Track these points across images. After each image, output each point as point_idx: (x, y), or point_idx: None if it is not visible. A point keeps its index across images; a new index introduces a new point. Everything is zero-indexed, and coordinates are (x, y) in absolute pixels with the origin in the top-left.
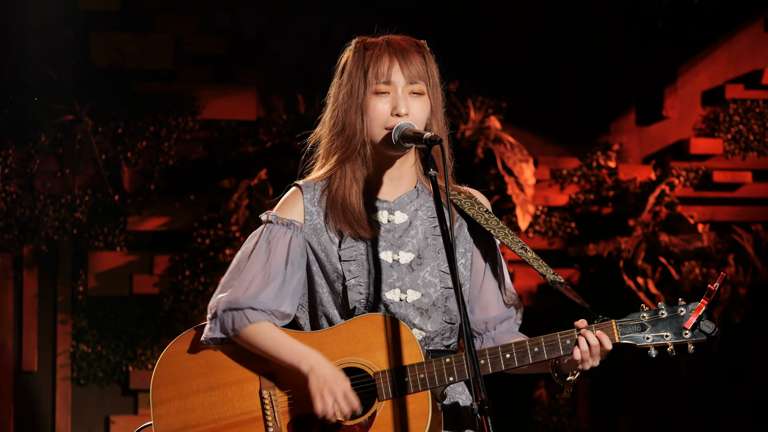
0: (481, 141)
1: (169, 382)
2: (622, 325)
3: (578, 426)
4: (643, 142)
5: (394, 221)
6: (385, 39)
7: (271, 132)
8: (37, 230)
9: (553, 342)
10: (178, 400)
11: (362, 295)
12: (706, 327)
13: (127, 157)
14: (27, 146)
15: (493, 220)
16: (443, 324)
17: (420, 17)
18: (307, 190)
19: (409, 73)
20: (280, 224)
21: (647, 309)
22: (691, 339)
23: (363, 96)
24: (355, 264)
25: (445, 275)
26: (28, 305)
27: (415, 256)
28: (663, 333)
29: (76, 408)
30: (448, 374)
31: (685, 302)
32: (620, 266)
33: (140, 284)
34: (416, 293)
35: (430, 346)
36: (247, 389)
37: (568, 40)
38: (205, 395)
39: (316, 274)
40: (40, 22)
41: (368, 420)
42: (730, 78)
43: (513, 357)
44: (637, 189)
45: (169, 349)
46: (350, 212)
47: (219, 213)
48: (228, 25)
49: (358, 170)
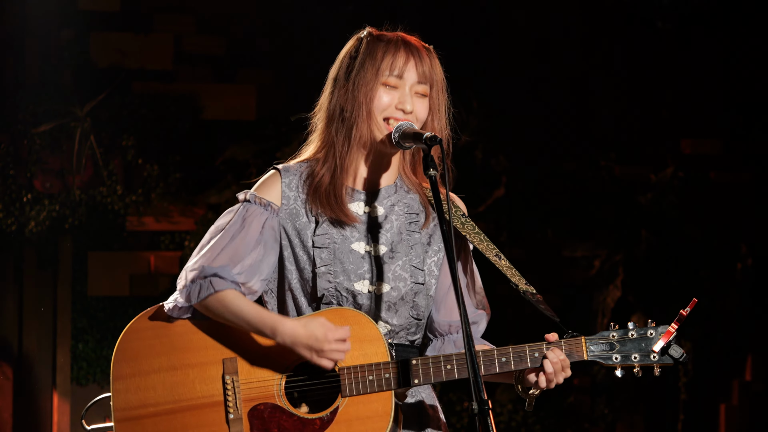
0: (481, 142)
1: (131, 358)
2: (592, 342)
3: (578, 426)
4: (644, 142)
5: (370, 213)
6: (398, 35)
7: (271, 132)
8: (37, 230)
9: (521, 353)
10: (138, 377)
11: (331, 284)
12: (674, 351)
13: (127, 157)
14: (27, 146)
15: (469, 225)
16: (410, 319)
17: (420, 17)
18: (286, 174)
19: (422, 71)
20: (258, 204)
21: (617, 328)
22: (658, 362)
23: (372, 85)
24: (327, 252)
25: (416, 270)
26: (28, 305)
27: (388, 249)
28: (631, 354)
29: (76, 408)
30: (414, 376)
31: (654, 324)
32: (620, 267)
33: (140, 284)
34: (386, 286)
35: (394, 339)
36: (209, 373)
37: (569, 40)
38: (167, 374)
39: (287, 259)
40: (40, 22)
41: (330, 415)
42: (730, 78)
43: (479, 365)
44: (637, 188)
45: (133, 323)
46: (335, 196)
47: (219, 213)
48: (228, 25)
49: (350, 155)
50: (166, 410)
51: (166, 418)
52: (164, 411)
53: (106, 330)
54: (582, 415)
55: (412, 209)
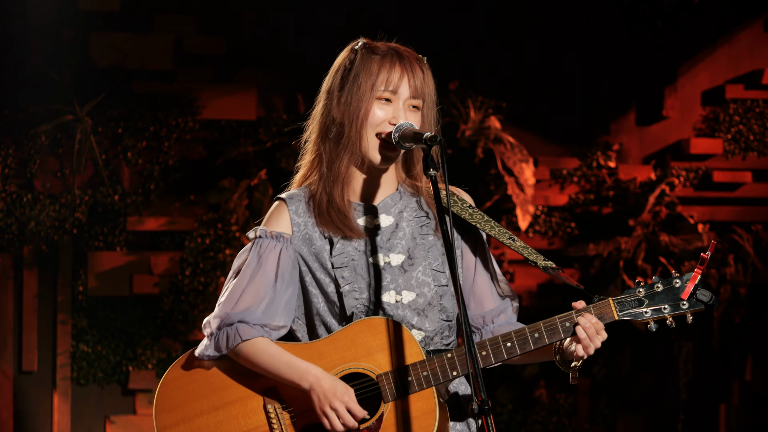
0: (481, 141)
1: (172, 407)
2: (620, 303)
3: (578, 426)
4: (643, 142)
5: (380, 224)
6: (391, 47)
7: (271, 132)
8: (37, 230)
9: (553, 326)
10: (182, 424)
11: (358, 300)
12: (703, 296)
13: (127, 157)
14: (27, 146)
15: (477, 215)
16: (441, 322)
17: (421, 17)
18: (291, 202)
19: (415, 86)
20: (270, 237)
21: (643, 284)
22: (689, 309)
23: (367, 99)
24: (348, 270)
25: (438, 273)
26: (28, 305)
27: (406, 257)
28: (661, 306)
29: (76, 408)
30: (451, 369)
31: (679, 274)
32: (620, 266)
33: (140, 284)
34: (411, 294)
35: (430, 346)
36: (251, 405)
37: (569, 40)
38: (210, 416)
39: (310, 284)
40: (40, 22)
41: (376, 423)
42: (730, 78)
43: (514, 345)
44: (637, 189)
45: (168, 374)
46: (337, 214)
47: (219, 213)
48: (228, 25)
49: (345, 169)
50: None
51: None
52: None
53: (106, 330)
54: (582, 415)
55: (420, 213)
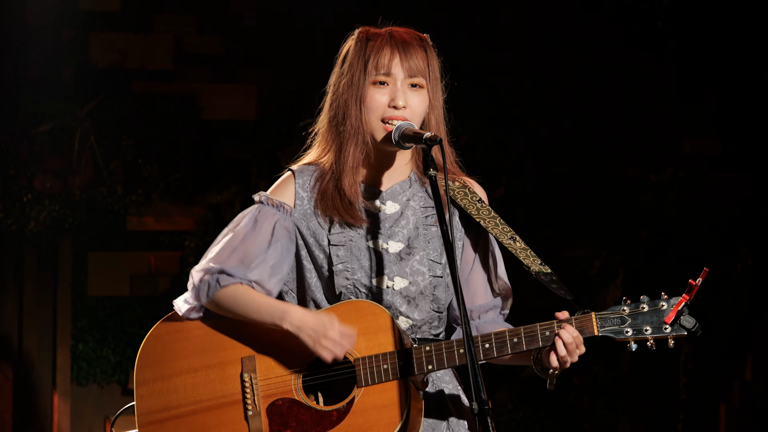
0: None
1: (153, 363)
2: (602, 318)
3: (578, 426)
4: (643, 142)
5: (385, 211)
6: (387, 30)
7: (271, 132)
8: (37, 230)
9: (533, 333)
10: (161, 381)
11: (349, 281)
12: (687, 322)
13: (127, 157)
14: (27, 146)
15: (484, 210)
16: (431, 312)
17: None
18: (300, 176)
19: (409, 66)
20: (270, 205)
21: (628, 302)
22: (671, 333)
23: (362, 86)
24: (343, 249)
25: (435, 264)
26: (28, 305)
27: (405, 245)
28: (643, 327)
29: (76, 408)
30: (427, 362)
31: (666, 296)
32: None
33: (140, 284)
34: (404, 281)
35: (417, 334)
36: (228, 372)
37: (570, 40)
38: (188, 376)
39: (305, 258)
40: (40, 22)
41: (346, 406)
42: (729, 78)
43: (492, 347)
44: (637, 188)
45: (154, 330)
46: (340, 200)
47: (219, 213)
48: (228, 25)
49: (352, 159)
50: (188, 411)
51: (188, 419)
52: (186, 413)
53: (106, 330)
54: (582, 415)
55: (428, 203)
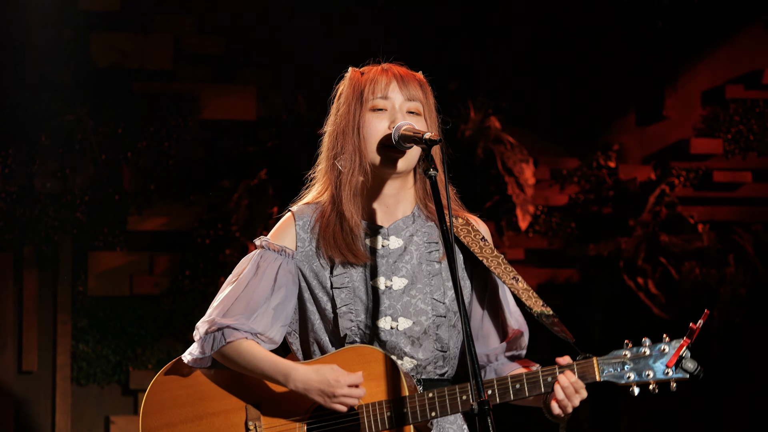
0: (481, 141)
1: (158, 410)
2: (604, 363)
3: (578, 426)
4: (643, 142)
5: (388, 246)
6: (380, 65)
7: (271, 132)
8: (37, 230)
9: (534, 379)
10: (165, 428)
11: (353, 323)
12: (689, 366)
13: (127, 157)
14: (27, 146)
15: (487, 248)
16: (435, 352)
17: (421, 17)
18: (300, 217)
19: (408, 91)
20: (272, 250)
21: (629, 346)
22: (673, 378)
23: (359, 114)
24: (346, 291)
25: (437, 303)
26: (28, 305)
27: (409, 281)
28: (645, 371)
29: (76, 408)
30: (431, 409)
31: (668, 339)
32: (620, 266)
33: (140, 284)
34: (408, 321)
35: (422, 374)
36: (233, 420)
37: (569, 40)
38: (193, 424)
39: (308, 301)
40: (40, 22)
41: None
42: (730, 78)
43: (494, 394)
44: (637, 189)
45: (159, 376)
46: (342, 234)
47: (219, 213)
48: (228, 25)
49: (350, 187)
50: None
51: None
52: None
53: (106, 330)
54: (582, 416)
55: (431, 238)
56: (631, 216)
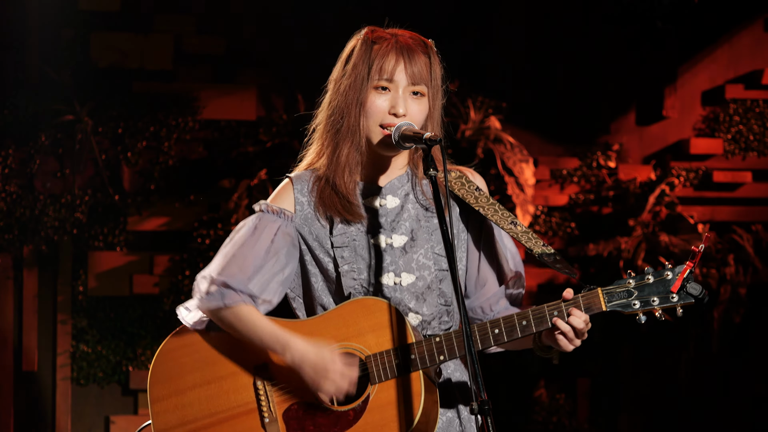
0: (481, 141)
1: (166, 379)
2: (609, 293)
3: (578, 426)
4: (643, 142)
5: (386, 205)
6: (393, 34)
7: (271, 132)
8: (37, 230)
9: (541, 315)
10: (174, 396)
11: (356, 281)
12: (693, 289)
13: (127, 157)
14: (27, 146)
15: (483, 198)
16: (439, 306)
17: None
18: (298, 181)
19: (413, 73)
20: (270, 213)
21: (633, 275)
22: (679, 302)
23: (364, 89)
24: (347, 250)
25: (439, 257)
26: (28, 305)
27: (409, 238)
28: (650, 298)
29: (76, 408)
30: (439, 353)
31: (671, 265)
32: (620, 266)
33: (140, 284)
34: (410, 276)
35: (427, 330)
36: (241, 381)
37: (569, 40)
38: (201, 390)
39: (309, 263)
40: (40, 22)
41: (362, 404)
42: (730, 78)
43: (502, 332)
44: (637, 189)
45: (164, 346)
46: (340, 198)
47: (219, 213)
48: (228, 25)
49: (345, 160)
50: (205, 425)
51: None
52: (203, 426)
53: (106, 330)
54: (582, 415)
55: (427, 194)
56: (631, 216)
